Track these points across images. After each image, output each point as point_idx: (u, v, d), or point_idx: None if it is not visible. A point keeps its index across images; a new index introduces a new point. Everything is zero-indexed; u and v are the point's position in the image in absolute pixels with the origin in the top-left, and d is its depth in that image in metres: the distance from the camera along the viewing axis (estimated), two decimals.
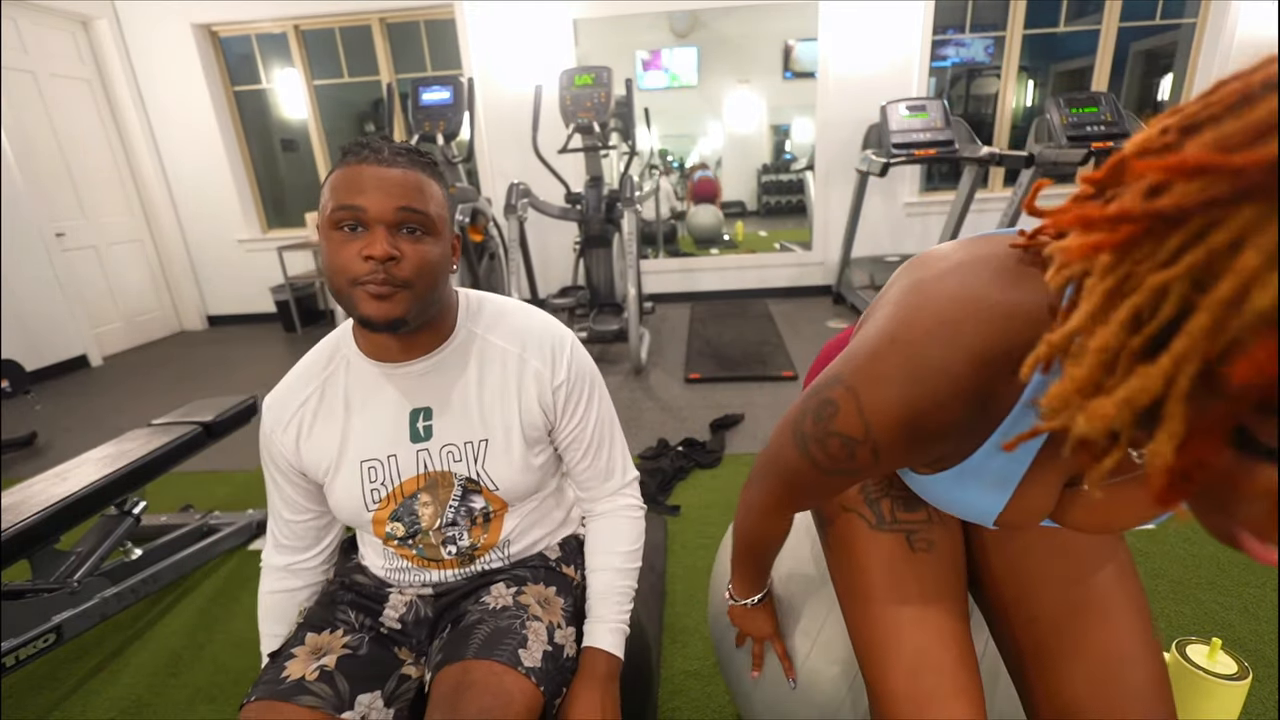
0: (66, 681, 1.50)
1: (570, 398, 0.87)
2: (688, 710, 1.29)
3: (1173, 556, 1.66)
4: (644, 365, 3.48)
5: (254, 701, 0.75)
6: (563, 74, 3.44)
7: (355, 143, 0.75)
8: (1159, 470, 0.30)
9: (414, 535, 0.85)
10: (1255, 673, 1.23)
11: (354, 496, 0.83)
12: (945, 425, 0.49)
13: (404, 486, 0.83)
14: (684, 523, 1.97)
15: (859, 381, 0.52)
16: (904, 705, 0.64)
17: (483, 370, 0.84)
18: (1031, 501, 0.56)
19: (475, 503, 0.85)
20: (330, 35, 4.63)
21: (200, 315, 5.15)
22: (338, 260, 0.72)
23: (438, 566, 0.88)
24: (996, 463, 0.54)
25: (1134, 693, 0.61)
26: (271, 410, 0.85)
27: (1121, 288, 0.31)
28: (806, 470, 0.60)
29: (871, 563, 0.70)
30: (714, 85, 9.59)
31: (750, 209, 10.76)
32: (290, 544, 0.91)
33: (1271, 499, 0.30)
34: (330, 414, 0.83)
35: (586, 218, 3.60)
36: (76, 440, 2.95)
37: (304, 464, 0.85)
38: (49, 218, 4.02)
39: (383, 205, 0.71)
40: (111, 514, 1.70)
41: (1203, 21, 4.21)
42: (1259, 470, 0.30)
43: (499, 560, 0.91)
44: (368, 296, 0.72)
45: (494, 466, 0.84)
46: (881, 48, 4.26)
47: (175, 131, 4.69)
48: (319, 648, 0.82)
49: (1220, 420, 0.29)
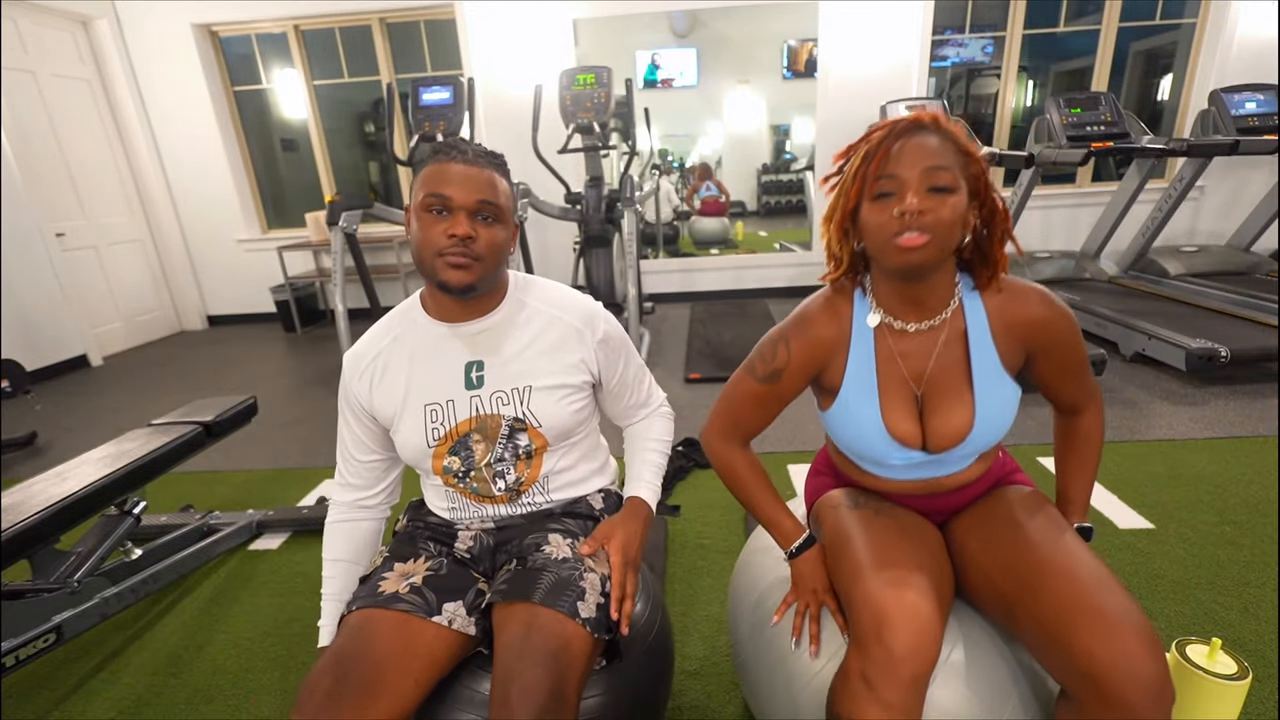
0: (66, 681, 1.50)
1: (613, 352, 1.05)
2: (688, 710, 1.29)
3: (1173, 557, 1.66)
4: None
5: (356, 610, 0.89)
6: (563, 74, 3.44)
7: (445, 144, 0.93)
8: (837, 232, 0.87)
9: (469, 472, 0.99)
10: (1255, 673, 1.23)
11: (418, 433, 0.97)
12: (815, 322, 0.92)
13: (459, 427, 0.98)
14: (684, 523, 1.97)
15: (783, 326, 0.95)
16: (875, 592, 0.80)
17: (529, 330, 1.00)
18: (898, 413, 0.89)
19: (520, 440, 1.00)
20: (330, 35, 4.63)
21: (200, 315, 5.15)
22: (427, 235, 0.89)
23: (491, 502, 1.03)
24: (859, 370, 0.90)
25: (1095, 583, 0.76)
26: (351, 361, 1.01)
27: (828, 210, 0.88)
28: (744, 381, 0.97)
29: (851, 528, 0.93)
30: (714, 85, 9.58)
31: (750, 209, 10.75)
32: (356, 482, 1.06)
33: (870, 221, 0.81)
34: (399, 365, 0.99)
35: (586, 218, 3.60)
36: (76, 440, 2.95)
37: (375, 407, 1.00)
38: (49, 218, 4.03)
39: (466, 196, 0.89)
40: (111, 514, 1.70)
41: (1203, 21, 4.21)
42: (863, 214, 0.82)
43: (541, 495, 1.05)
44: (448, 266, 0.89)
45: (538, 406, 0.99)
46: (881, 48, 4.26)
47: (175, 131, 4.69)
48: (407, 572, 0.95)
49: (848, 215, 0.85)
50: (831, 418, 0.95)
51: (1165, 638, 1.36)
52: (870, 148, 0.80)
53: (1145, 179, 3.80)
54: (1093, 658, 0.71)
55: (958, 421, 0.88)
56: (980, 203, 0.83)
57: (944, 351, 0.89)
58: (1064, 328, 0.88)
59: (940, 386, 0.89)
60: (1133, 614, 0.73)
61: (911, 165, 0.77)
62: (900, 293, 0.87)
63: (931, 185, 0.76)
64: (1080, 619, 0.73)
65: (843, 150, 0.86)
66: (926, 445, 0.90)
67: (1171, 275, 3.96)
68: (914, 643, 0.75)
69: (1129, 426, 2.43)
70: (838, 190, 0.85)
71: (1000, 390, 0.88)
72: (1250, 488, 1.96)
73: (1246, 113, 3.51)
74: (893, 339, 0.90)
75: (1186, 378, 2.85)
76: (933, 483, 0.96)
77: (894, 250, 0.79)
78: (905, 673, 0.74)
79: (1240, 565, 1.61)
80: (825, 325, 0.92)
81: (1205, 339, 2.69)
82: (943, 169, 0.77)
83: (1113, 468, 2.13)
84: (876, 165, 0.78)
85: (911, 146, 0.77)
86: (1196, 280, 3.81)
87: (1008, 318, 0.88)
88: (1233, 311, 3.14)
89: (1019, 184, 3.90)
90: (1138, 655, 0.70)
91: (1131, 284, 3.88)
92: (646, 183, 5.62)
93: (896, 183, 0.77)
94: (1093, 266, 4.16)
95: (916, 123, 0.79)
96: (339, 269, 3.48)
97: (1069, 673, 0.74)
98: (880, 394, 0.90)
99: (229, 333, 4.98)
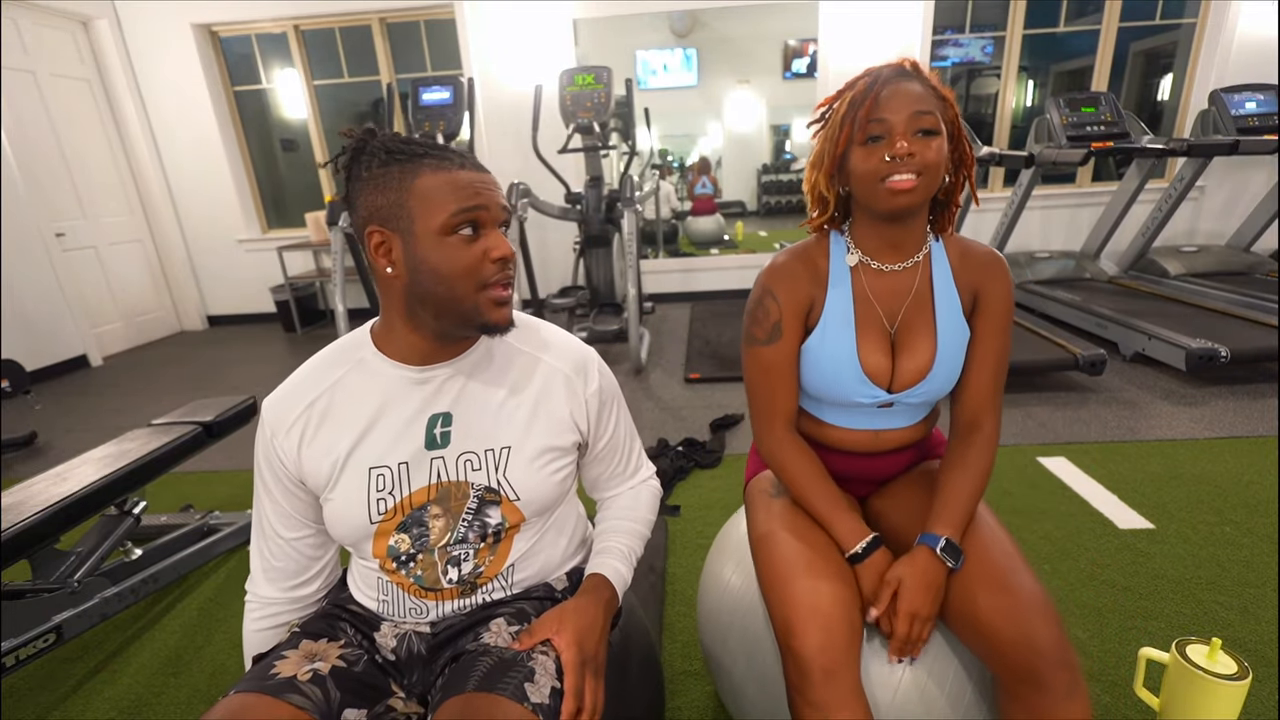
0: (66, 681, 1.50)
1: (604, 407, 0.89)
2: (688, 710, 1.29)
3: (1173, 557, 1.66)
4: (644, 365, 3.48)
5: (237, 694, 0.70)
6: (563, 74, 3.44)
7: (437, 146, 0.72)
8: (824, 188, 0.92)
9: (418, 554, 0.80)
10: (1255, 673, 1.23)
11: (358, 504, 0.77)
12: (789, 267, 0.95)
13: (413, 497, 0.78)
14: (684, 523, 1.97)
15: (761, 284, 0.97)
16: (784, 598, 0.83)
17: (508, 375, 0.82)
18: (872, 347, 0.92)
19: (490, 516, 0.80)
20: (330, 35, 4.63)
21: (200, 315, 5.15)
22: (462, 264, 0.71)
23: (435, 597, 0.81)
24: (838, 306, 0.93)
25: (1004, 563, 0.82)
26: (273, 411, 0.80)
27: (815, 156, 0.92)
28: (752, 355, 0.97)
29: (770, 525, 0.95)
30: (714, 85, 9.58)
31: (750, 209, 10.75)
32: (283, 566, 0.84)
33: (859, 165, 0.84)
34: (339, 418, 0.78)
35: (586, 218, 3.60)
36: (76, 440, 2.95)
37: (304, 472, 0.79)
38: (49, 218, 4.02)
39: (496, 206, 0.73)
40: (111, 514, 1.70)
41: (1203, 21, 4.21)
42: (852, 158, 0.85)
43: (501, 590, 0.84)
44: (493, 302, 0.73)
45: (516, 475, 0.80)
46: (881, 48, 4.25)
47: (175, 131, 4.69)
48: (314, 653, 0.77)
49: (836, 160, 0.88)
50: (807, 351, 0.95)
51: (1165, 638, 1.37)
52: (856, 94, 0.84)
53: (1145, 179, 3.80)
54: (997, 632, 0.77)
55: (922, 359, 0.92)
56: (953, 147, 0.87)
57: (916, 291, 0.93)
58: (1005, 291, 0.92)
59: (910, 324, 0.93)
60: (1032, 589, 0.78)
61: (898, 110, 0.81)
62: (881, 235, 0.91)
63: (918, 128, 0.81)
64: (986, 596, 0.79)
65: (828, 97, 0.90)
66: (893, 384, 0.94)
67: (1171, 275, 3.96)
68: (820, 640, 0.78)
69: (1129, 426, 2.43)
70: (825, 136, 0.90)
71: (958, 332, 0.93)
72: (1250, 488, 1.96)
73: (1246, 113, 3.51)
74: (869, 278, 0.94)
75: (1186, 378, 2.85)
76: (884, 436, 0.99)
77: (884, 193, 0.83)
78: (818, 672, 0.77)
79: (1240, 565, 1.61)
80: (801, 266, 0.94)
81: (1205, 339, 2.69)
82: (927, 112, 0.81)
83: (1113, 468, 2.13)
84: (866, 111, 0.82)
85: (898, 92, 0.81)
86: (1196, 280, 3.81)
87: (967, 266, 0.93)
88: (1233, 311, 3.14)
89: (1019, 184, 3.90)
90: (1036, 626, 0.75)
91: (1131, 284, 3.88)
92: (646, 183, 5.63)
93: (885, 126, 0.81)
94: (1093, 266, 4.16)
95: (899, 69, 0.84)
96: (339, 269, 3.48)
97: (982, 648, 0.79)
98: (857, 328, 0.93)
99: (229, 333, 4.98)
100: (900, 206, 0.83)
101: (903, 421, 0.99)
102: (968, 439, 0.94)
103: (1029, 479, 2.08)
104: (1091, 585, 1.57)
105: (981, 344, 0.93)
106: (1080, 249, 4.34)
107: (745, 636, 0.99)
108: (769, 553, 0.90)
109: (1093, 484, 2.03)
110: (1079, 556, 1.69)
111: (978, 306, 0.93)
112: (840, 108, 0.86)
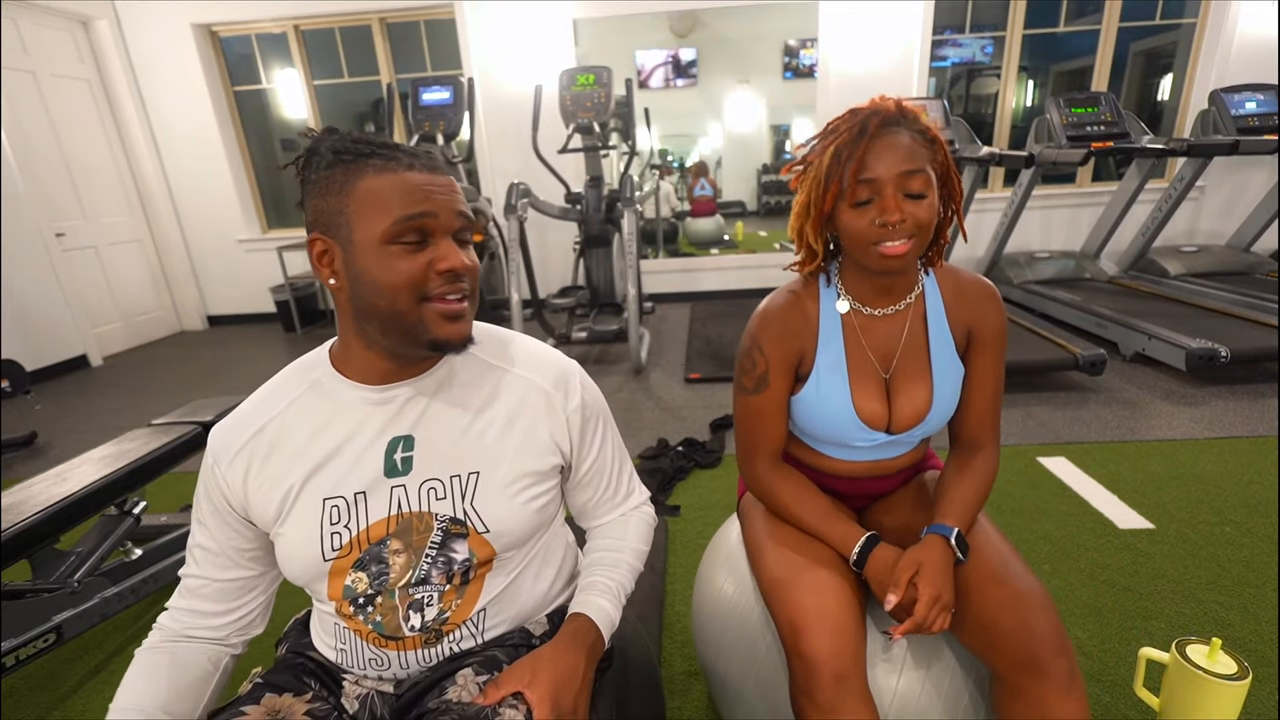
0: (66, 681, 1.50)
1: (587, 424, 0.80)
2: (688, 710, 1.29)
3: (1173, 557, 1.66)
4: (644, 365, 3.48)
5: None
6: (563, 74, 3.44)
7: (379, 144, 0.65)
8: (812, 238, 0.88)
9: (377, 595, 0.71)
10: (1255, 673, 1.23)
11: (310, 540, 0.70)
12: (779, 317, 0.92)
13: (371, 530, 0.70)
14: (684, 523, 1.97)
15: (750, 332, 0.95)
16: (790, 603, 0.83)
17: (477, 394, 0.74)
18: (867, 394, 0.91)
19: (457, 552, 0.72)
20: (330, 35, 4.63)
21: (200, 315, 5.15)
22: (403, 276, 0.63)
23: (397, 646, 0.73)
24: (829, 355, 0.92)
25: (999, 561, 0.84)
26: (219, 438, 0.72)
27: (801, 205, 0.88)
28: (740, 401, 0.96)
29: (769, 533, 0.95)
30: (714, 85, 9.59)
31: (750, 209, 10.76)
32: (202, 607, 0.75)
33: (849, 225, 0.82)
34: (291, 445, 0.71)
35: (586, 218, 3.60)
36: (76, 440, 2.95)
37: (250, 506, 0.71)
38: (49, 218, 4.02)
39: (448, 215, 0.65)
40: (111, 514, 1.70)
41: (1203, 21, 4.21)
42: (841, 217, 0.83)
43: (471, 638, 0.75)
44: (441, 317, 0.65)
45: (485, 503, 0.72)
46: (881, 48, 4.26)
47: (175, 131, 4.69)
48: (277, 709, 0.69)
49: (824, 215, 0.84)
50: (800, 401, 0.95)
51: (1165, 638, 1.37)
52: (841, 146, 0.80)
53: (1145, 179, 3.80)
54: (995, 622, 0.78)
55: (919, 401, 0.91)
56: (942, 184, 0.85)
57: (909, 334, 0.92)
58: (999, 322, 0.92)
59: (904, 368, 0.93)
60: (1028, 581, 0.81)
61: (887, 168, 0.78)
62: (872, 282, 0.91)
63: (909, 191, 0.79)
64: (984, 589, 0.81)
65: (805, 141, 0.87)
66: (891, 426, 0.93)
67: (1171, 275, 3.96)
68: (832, 644, 0.77)
69: (1129, 426, 2.43)
70: (809, 185, 0.85)
71: (953, 371, 0.92)
72: (1250, 488, 1.96)
73: (1246, 113, 3.51)
74: (860, 323, 0.93)
75: (1186, 378, 2.85)
76: (882, 464, 0.99)
77: (876, 256, 0.82)
78: (828, 675, 0.76)
79: (1240, 565, 1.61)
80: (791, 317, 0.93)
81: (1205, 339, 2.69)
82: (916, 173, 0.78)
83: (1113, 468, 2.13)
84: (854, 171, 0.79)
85: (885, 146, 0.78)
86: (1196, 280, 3.81)
87: (960, 303, 0.92)
88: (1233, 311, 3.14)
89: (1019, 184, 3.90)
90: (1034, 614, 0.77)
91: (1131, 284, 3.88)
92: (646, 183, 5.63)
93: (873, 188, 0.79)
94: (1093, 266, 4.16)
95: (885, 118, 0.79)
96: None
97: (981, 641, 0.80)
98: (850, 376, 0.92)
99: (229, 333, 4.98)
100: (893, 270, 0.83)
101: (900, 451, 0.99)
102: (971, 454, 0.95)
103: (1029, 479, 2.08)
104: (1091, 585, 1.57)
105: (979, 374, 0.93)
106: (1080, 249, 4.34)
107: (740, 643, 0.98)
108: (770, 556, 0.90)
109: (1093, 484, 2.03)
110: (1079, 556, 1.69)
111: (973, 340, 0.93)
112: (824, 161, 0.81)
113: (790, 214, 0.91)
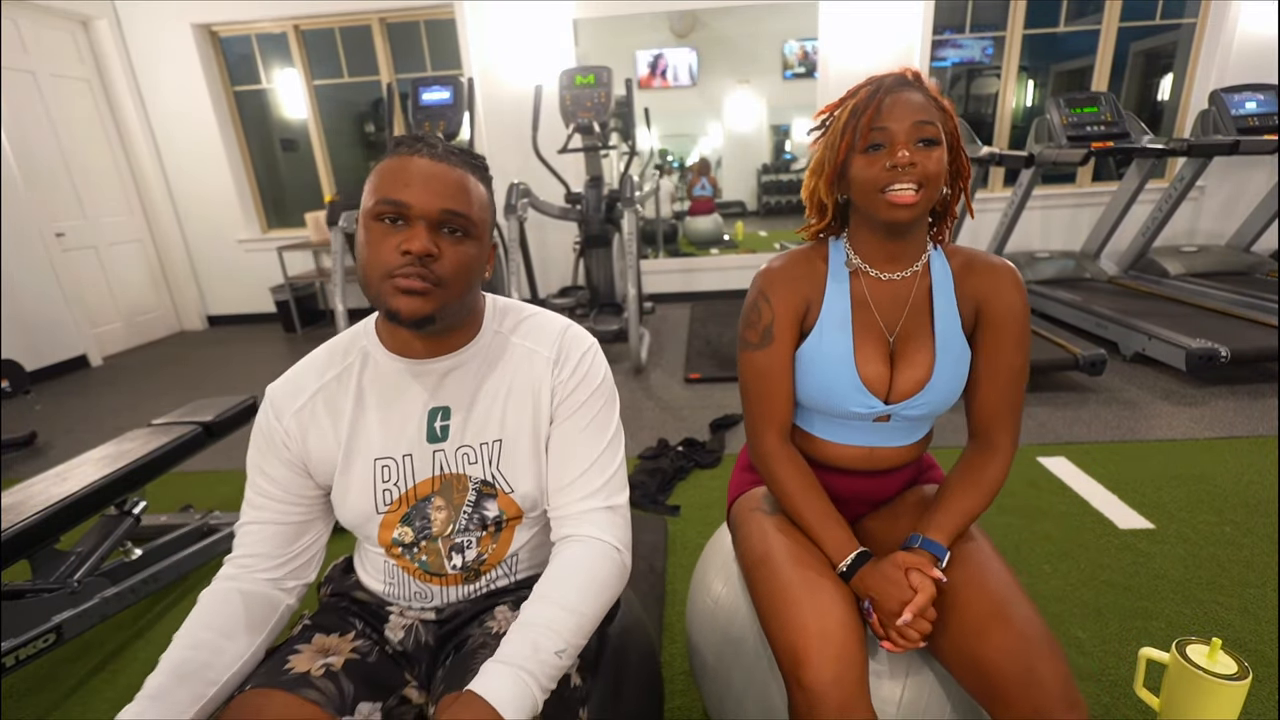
0: (66, 681, 1.50)
1: (577, 386, 0.81)
2: (688, 710, 1.29)
3: (1173, 557, 1.66)
4: (644, 365, 3.48)
5: (250, 690, 0.70)
6: (563, 74, 3.44)
7: (410, 135, 0.73)
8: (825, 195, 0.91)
9: (421, 541, 0.81)
10: (1255, 673, 1.23)
11: (364, 494, 0.79)
12: (786, 271, 0.93)
13: (418, 489, 0.80)
14: (684, 523, 1.97)
15: (756, 286, 0.96)
16: (791, 628, 0.79)
17: (505, 371, 0.81)
18: (869, 353, 0.91)
19: (489, 509, 0.81)
20: (330, 35, 4.63)
21: (200, 315, 5.15)
22: (375, 252, 0.70)
23: (440, 582, 0.84)
24: (835, 309, 0.92)
25: (1003, 595, 0.79)
26: (278, 397, 0.80)
27: (816, 163, 0.92)
28: (745, 359, 0.95)
29: (767, 528, 0.94)
30: (714, 85, 9.58)
31: (750, 209, 10.76)
32: (261, 550, 0.81)
33: (860, 173, 0.83)
34: (343, 407, 0.79)
35: (586, 218, 3.60)
36: (76, 440, 2.95)
37: (310, 458, 0.79)
38: (49, 218, 4.02)
39: (428, 203, 0.69)
40: (111, 514, 1.70)
41: (1203, 21, 4.21)
42: (853, 167, 0.84)
43: (505, 577, 0.86)
44: (398, 291, 0.70)
45: (510, 468, 0.80)
46: (881, 48, 4.25)
47: (175, 131, 4.69)
48: (327, 648, 0.78)
49: (838, 169, 0.87)
50: (803, 355, 0.93)
51: (1165, 638, 1.37)
52: (859, 102, 0.84)
53: (1145, 179, 3.80)
54: (999, 670, 0.73)
55: (920, 371, 0.90)
56: (952, 158, 0.86)
57: (914, 303, 0.92)
58: (1013, 301, 0.88)
59: (908, 334, 0.92)
60: (1035, 624, 0.75)
61: (900, 119, 0.80)
62: (880, 245, 0.90)
63: (920, 138, 0.81)
64: (987, 634, 0.76)
65: (829, 105, 0.90)
66: (890, 395, 0.92)
67: (1171, 275, 3.96)
68: (835, 672, 0.75)
69: (1129, 426, 2.43)
70: (825, 144, 0.89)
71: (957, 346, 0.91)
72: (1250, 488, 1.96)
73: (1246, 113, 3.51)
74: (868, 284, 0.92)
75: (1186, 378, 2.85)
76: (879, 454, 0.97)
77: (884, 204, 0.82)
78: (833, 705, 0.74)
79: (1240, 565, 1.61)
80: (799, 267, 0.93)
81: (1205, 339, 2.69)
82: (929, 122, 0.81)
83: (1113, 468, 2.13)
84: (868, 118, 0.82)
85: (900, 101, 0.81)
86: (1196, 280, 3.81)
87: (970, 276, 0.91)
88: (1233, 311, 3.14)
89: (1019, 184, 3.90)
90: (1042, 663, 0.72)
91: (1131, 284, 3.88)
92: (647, 183, 5.63)
93: (887, 135, 0.81)
94: (1093, 266, 4.16)
95: (901, 78, 0.84)
96: (339, 269, 3.48)
97: (982, 688, 0.75)
98: (855, 333, 0.91)
99: (229, 333, 4.98)
100: (900, 220, 0.82)
101: (898, 440, 0.96)
102: (982, 454, 0.92)
103: (1029, 479, 2.08)
104: (1091, 585, 1.57)
105: (990, 356, 0.90)
106: (1080, 249, 4.34)
107: (736, 651, 0.97)
108: (768, 576, 0.86)
109: (1093, 484, 2.03)
110: (1079, 556, 1.69)
111: (983, 317, 0.90)
112: (842, 115, 0.85)
113: (799, 201, 0.94)
